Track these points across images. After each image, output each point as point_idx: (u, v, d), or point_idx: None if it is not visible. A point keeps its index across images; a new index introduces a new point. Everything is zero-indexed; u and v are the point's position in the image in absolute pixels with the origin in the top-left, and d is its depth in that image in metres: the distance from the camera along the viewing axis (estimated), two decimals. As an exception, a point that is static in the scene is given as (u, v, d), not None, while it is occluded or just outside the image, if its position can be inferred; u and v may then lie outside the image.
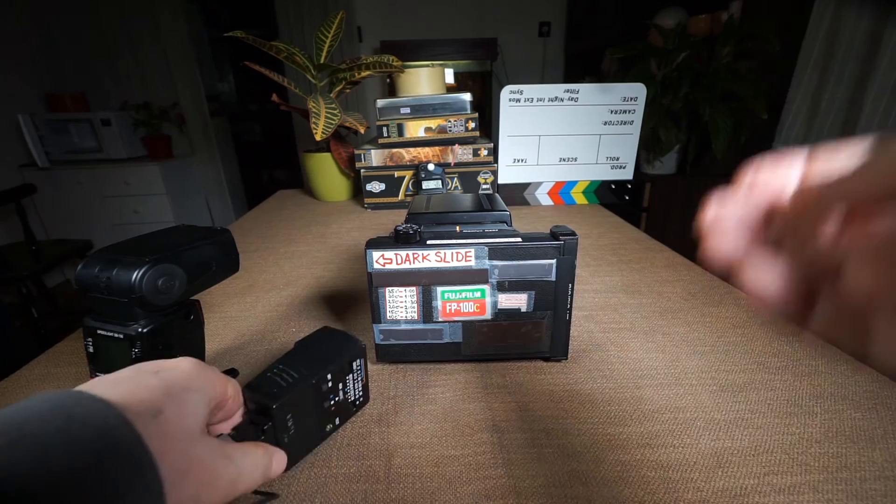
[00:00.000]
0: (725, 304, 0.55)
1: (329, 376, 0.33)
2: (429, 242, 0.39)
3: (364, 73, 1.00)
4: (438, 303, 0.40)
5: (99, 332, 0.33)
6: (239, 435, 0.26)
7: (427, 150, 0.96)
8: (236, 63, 3.54)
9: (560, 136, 0.97)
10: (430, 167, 0.93)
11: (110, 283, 0.31)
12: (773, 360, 0.44)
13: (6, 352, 1.12)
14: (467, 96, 0.97)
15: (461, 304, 0.41)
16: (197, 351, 0.38)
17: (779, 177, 0.14)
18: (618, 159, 0.99)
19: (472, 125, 0.96)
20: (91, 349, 0.34)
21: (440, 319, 0.41)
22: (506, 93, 0.93)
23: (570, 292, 0.40)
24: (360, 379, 0.36)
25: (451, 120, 0.96)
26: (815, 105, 1.41)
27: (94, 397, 0.17)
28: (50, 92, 2.48)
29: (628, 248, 0.75)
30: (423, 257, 0.39)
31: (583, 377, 0.42)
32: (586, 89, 0.93)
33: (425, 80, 1.04)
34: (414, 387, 0.41)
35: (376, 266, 0.39)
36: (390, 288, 0.40)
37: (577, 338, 0.48)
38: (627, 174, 1.00)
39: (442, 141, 0.97)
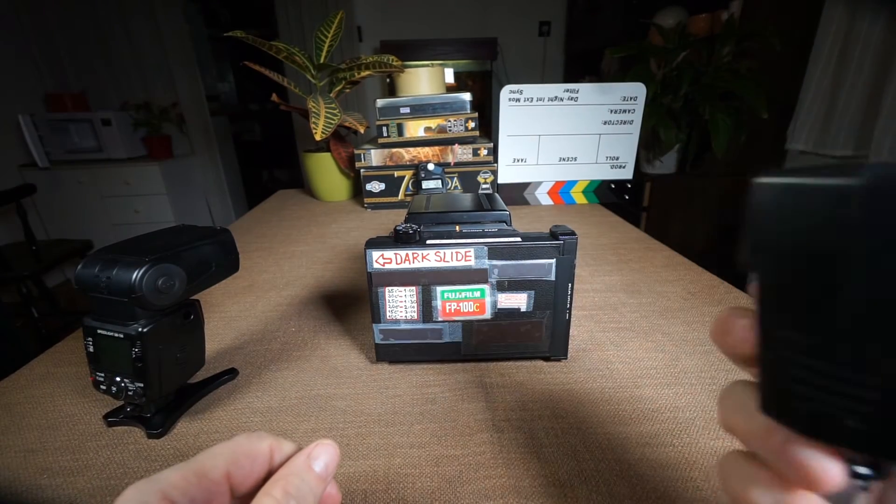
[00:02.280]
0: (725, 304, 0.55)
1: None
2: (428, 242, 0.39)
3: (364, 73, 1.00)
4: (438, 302, 0.40)
5: (99, 331, 0.33)
6: None
7: (427, 149, 0.96)
8: (236, 63, 3.53)
9: (560, 136, 0.97)
10: (430, 167, 0.93)
11: (110, 282, 0.31)
12: (773, 360, 0.44)
13: (7, 351, 1.12)
14: (467, 96, 0.97)
15: (461, 304, 0.41)
16: (197, 351, 0.38)
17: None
18: (618, 159, 0.99)
19: (471, 125, 0.96)
20: (91, 349, 0.34)
21: (440, 319, 0.41)
22: (505, 92, 0.93)
23: (569, 292, 0.40)
24: None
25: (451, 120, 0.96)
26: (831, 106, 1.41)
27: None
28: (50, 92, 2.48)
29: (628, 247, 0.75)
30: (423, 257, 0.39)
31: (583, 377, 0.42)
32: (586, 89, 0.93)
33: (425, 79, 1.04)
34: (414, 387, 0.41)
35: (376, 266, 0.39)
36: (390, 288, 0.40)
37: (577, 337, 0.48)
38: (627, 174, 1.00)
39: (442, 141, 0.97)
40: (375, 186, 0.99)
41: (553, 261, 0.39)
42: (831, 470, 0.12)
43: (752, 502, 0.14)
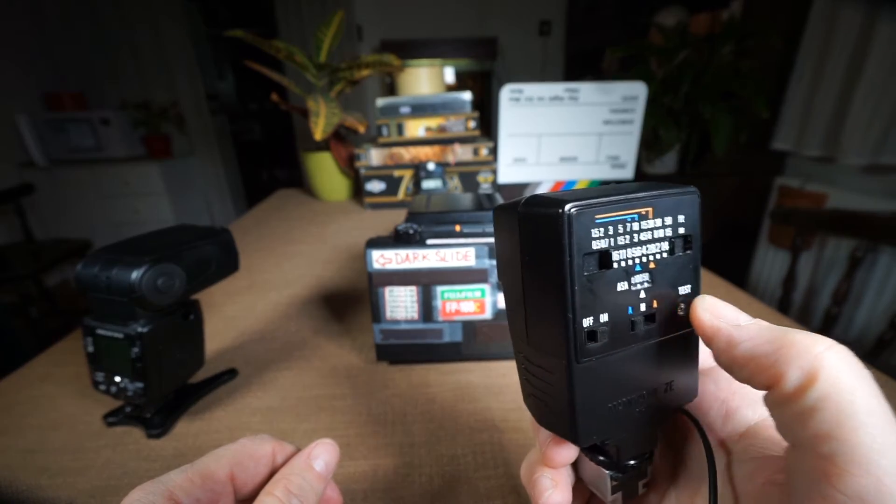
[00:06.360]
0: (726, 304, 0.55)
1: None
2: (429, 242, 0.39)
3: (364, 73, 1.00)
4: (438, 302, 0.40)
5: (98, 331, 0.33)
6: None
7: (427, 149, 0.96)
8: (236, 62, 3.53)
9: (560, 136, 0.97)
10: (430, 166, 0.93)
11: (110, 282, 0.31)
12: (774, 360, 0.44)
13: (6, 351, 1.12)
14: (467, 95, 0.97)
15: (461, 304, 0.41)
16: (197, 351, 0.38)
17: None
18: (618, 158, 0.99)
19: (472, 124, 0.96)
20: (91, 349, 0.34)
21: (440, 319, 0.41)
22: (506, 91, 0.93)
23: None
24: None
25: (451, 119, 0.95)
26: (807, 105, 1.41)
27: None
28: (49, 91, 2.48)
29: (628, 247, 0.75)
30: (423, 257, 0.39)
31: (583, 377, 0.42)
32: (587, 88, 0.93)
33: (425, 79, 1.04)
34: (414, 387, 0.41)
35: (376, 266, 0.39)
36: (390, 287, 0.40)
37: (578, 337, 0.48)
38: (628, 173, 1.00)
39: (442, 140, 0.97)
40: (375, 186, 0.99)
41: (553, 261, 0.39)
42: (558, 452, 0.17)
43: (532, 479, 0.18)
